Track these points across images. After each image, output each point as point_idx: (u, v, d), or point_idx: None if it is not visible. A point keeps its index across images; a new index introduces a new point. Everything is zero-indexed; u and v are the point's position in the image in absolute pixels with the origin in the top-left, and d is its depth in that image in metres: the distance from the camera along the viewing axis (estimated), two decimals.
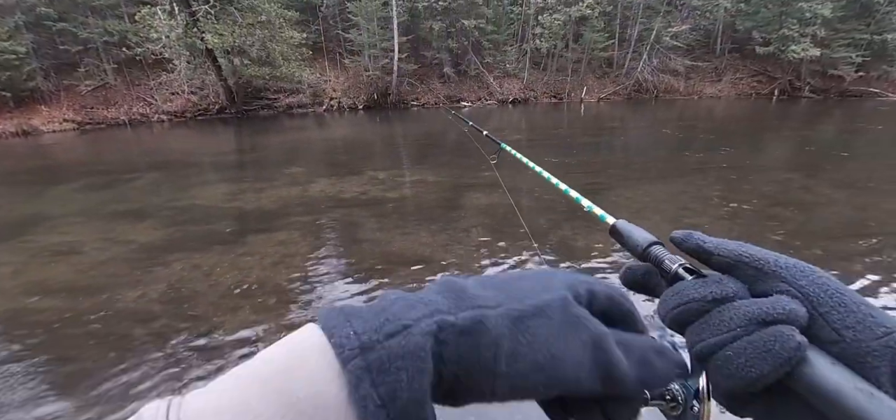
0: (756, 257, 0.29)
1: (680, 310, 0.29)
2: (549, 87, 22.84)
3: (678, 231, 0.33)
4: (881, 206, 5.27)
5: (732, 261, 0.30)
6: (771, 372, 0.25)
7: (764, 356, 0.25)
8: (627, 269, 0.37)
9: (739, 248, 0.30)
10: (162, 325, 3.06)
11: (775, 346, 0.25)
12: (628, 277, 0.36)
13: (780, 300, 0.26)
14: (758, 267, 0.29)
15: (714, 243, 0.31)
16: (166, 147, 11.59)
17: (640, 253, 0.36)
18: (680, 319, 0.29)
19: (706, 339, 0.27)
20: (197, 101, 17.76)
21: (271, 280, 3.60)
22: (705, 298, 0.28)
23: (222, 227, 4.97)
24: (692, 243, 0.32)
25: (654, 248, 0.35)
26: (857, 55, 21.34)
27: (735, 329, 0.26)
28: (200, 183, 7.12)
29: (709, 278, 0.30)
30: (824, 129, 12.84)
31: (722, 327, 0.27)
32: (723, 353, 0.26)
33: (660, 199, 5.59)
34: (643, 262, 0.36)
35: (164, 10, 14.71)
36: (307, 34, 18.69)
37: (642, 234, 0.38)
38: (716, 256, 0.31)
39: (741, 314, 0.26)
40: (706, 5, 22.79)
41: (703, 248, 0.32)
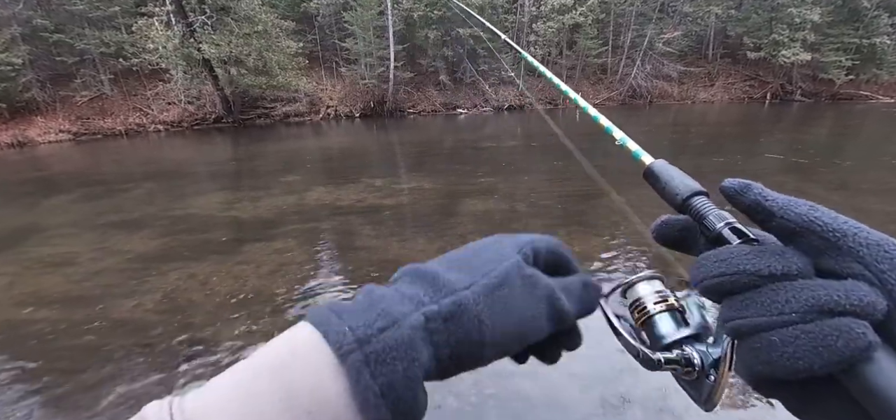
0: (830, 227, 0.23)
1: (724, 279, 0.25)
2: (543, 93, 22.99)
3: (732, 180, 0.27)
4: (876, 208, 5.33)
5: (800, 227, 0.24)
6: (823, 368, 0.21)
7: (819, 351, 0.21)
8: (663, 221, 0.32)
9: (811, 213, 0.24)
10: (157, 335, 3.04)
11: (837, 343, 0.21)
12: (662, 232, 0.31)
13: (857, 288, 0.21)
14: (831, 240, 0.23)
15: (779, 202, 0.25)
16: (162, 157, 11.58)
17: (680, 203, 0.31)
18: (721, 290, 0.25)
19: (749, 317, 0.23)
20: (193, 111, 17.75)
21: (268, 289, 3.60)
22: (759, 272, 0.23)
23: (218, 236, 4.96)
24: (750, 198, 0.26)
25: (696, 199, 0.30)
26: (847, 59, 21.61)
27: (790, 314, 0.22)
28: (196, 192, 7.11)
29: (766, 247, 0.25)
30: (817, 133, 12.98)
31: (773, 309, 0.23)
32: (766, 336, 0.23)
33: (653, 203, 5.60)
34: (682, 213, 0.31)
35: (161, 21, 14.76)
36: (303, 43, 18.77)
37: (685, 180, 0.32)
38: (779, 218, 0.25)
39: (802, 298, 0.22)
40: (697, 12, 23.08)
41: (764, 207, 0.26)
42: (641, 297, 0.33)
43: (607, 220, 5.02)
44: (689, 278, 0.28)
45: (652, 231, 0.32)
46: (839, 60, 21.64)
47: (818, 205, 0.25)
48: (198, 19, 15.07)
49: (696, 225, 0.30)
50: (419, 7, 19.33)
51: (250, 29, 15.53)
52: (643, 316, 0.32)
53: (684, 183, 0.32)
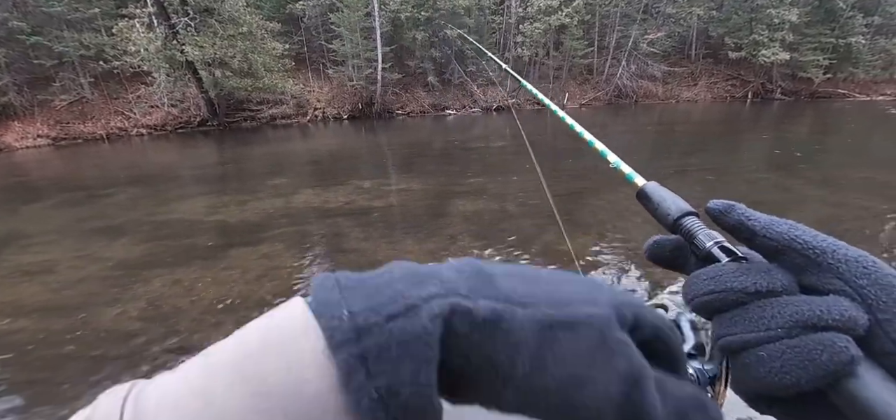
0: (810, 245, 0.24)
1: (713, 297, 0.25)
2: (530, 97, 23.12)
3: (716, 201, 0.29)
4: (854, 203, 5.48)
5: (781, 245, 0.25)
6: (809, 382, 0.22)
7: (805, 365, 0.22)
8: (655, 241, 0.32)
9: (791, 231, 0.25)
10: (141, 343, 2.98)
11: (821, 357, 0.21)
12: (654, 251, 0.32)
13: (838, 303, 0.22)
14: (812, 257, 0.24)
15: (761, 222, 0.26)
16: (145, 161, 11.34)
17: (671, 223, 0.32)
18: (711, 307, 0.26)
19: (738, 333, 0.24)
20: (177, 114, 17.44)
21: (255, 294, 3.54)
22: (746, 290, 0.24)
23: (204, 241, 4.87)
24: (733, 218, 0.27)
25: (687, 219, 0.31)
26: (825, 58, 22.24)
27: (776, 329, 0.23)
28: (181, 197, 6.98)
29: (752, 266, 0.26)
30: (797, 130, 13.31)
31: (760, 324, 0.23)
32: (755, 352, 0.23)
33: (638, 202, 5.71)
34: (673, 233, 0.32)
35: (143, 23, 14.47)
36: (289, 45, 18.60)
37: (676, 201, 0.33)
38: (761, 237, 0.26)
39: (787, 314, 0.23)
40: (680, 13, 23.52)
41: (747, 226, 0.27)
42: None
43: (595, 219, 5.07)
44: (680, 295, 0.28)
45: (645, 251, 0.33)
46: (817, 60, 22.26)
47: (799, 224, 0.26)
48: (180, 21, 14.82)
49: (686, 244, 0.31)
50: (406, 8, 19.31)
51: (235, 30, 15.32)
52: None
53: (675, 204, 0.33)
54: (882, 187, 6.17)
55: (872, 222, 4.80)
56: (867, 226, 4.68)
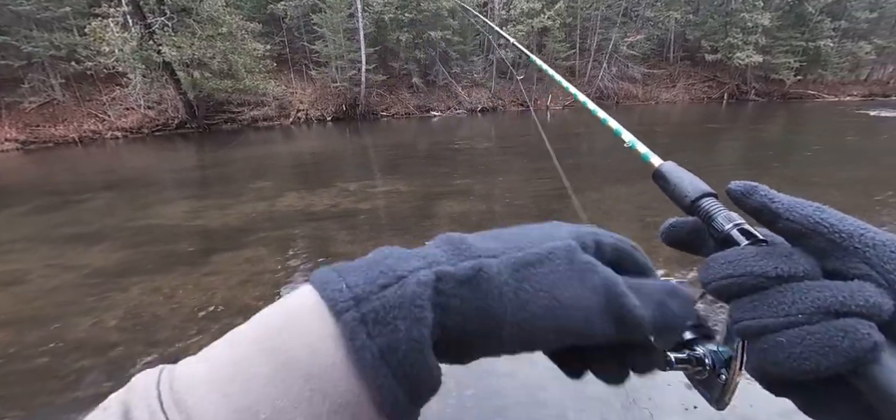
0: (837, 228, 0.24)
1: (731, 282, 0.25)
2: (515, 96, 23.35)
3: (738, 182, 0.28)
4: (825, 199, 5.66)
5: (805, 229, 0.24)
6: (829, 369, 0.21)
7: (825, 352, 0.21)
8: (671, 224, 0.31)
9: (817, 215, 0.24)
10: (119, 354, 2.88)
11: (843, 343, 0.21)
12: (671, 234, 0.31)
13: (863, 289, 0.22)
14: (837, 241, 0.23)
15: (784, 204, 0.26)
16: (122, 165, 10.99)
17: (688, 205, 0.31)
18: (729, 291, 0.25)
19: (757, 318, 0.24)
20: (154, 117, 16.95)
21: (238, 300, 3.47)
22: (767, 274, 0.24)
23: (184, 246, 4.75)
24: (756, 201, 0.26)
25: (705, 200, 0.30)
26: (795, 61, 23.11)
27: (796, 315, 0.22)
28: (160, 201, 6.79)
29: (774, 249, 0.25)
30: (770, 130, 13.78)
31: (779, 310, 0.23)
32: (774, 338, 0.23)
33: (624, 200, 5.82)
34: (690, 215, 0.31)
35: (117, 23, 14.02)
36: (271, 46, 18.30)
37: (694, 182, 0.32)
38: (784, 220, 0.25)
39: (808, 300, 0.22)
40: (658, 16, 24.10)
41: (770, 209, 0.26)
42: None
43: (578, 220, 5.14)
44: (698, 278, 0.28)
45: (660, 233, 0.32)
46: (788, 62, 23.11)
47: (825, 206, 0.25)
48: (157, 20, 14.42)
49: (704, 226, 0.30)
50: (390, 9, 19.24)
51: (214, 31, 14.99)
52: None
53: (693, 185, 0.32)
54: (847, 183, 6.45)
55: None
56: None
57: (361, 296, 0.21)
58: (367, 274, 0.23)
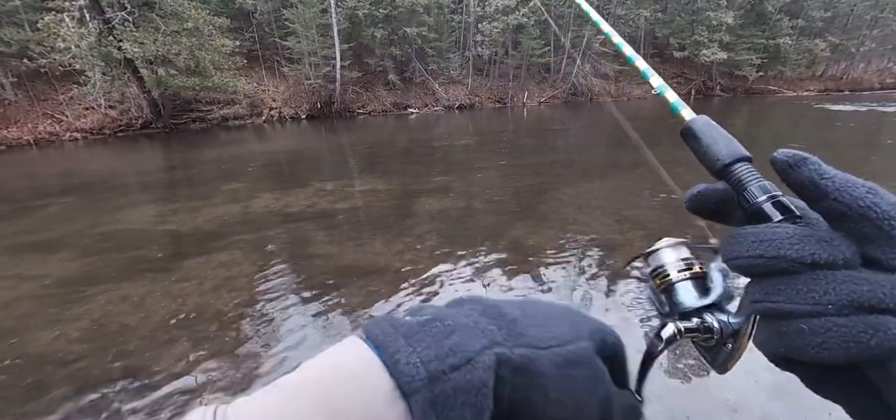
0: (888, 214, 0.21)
1: (761, 262, 0.23)
2: (492, 93, 23.50)
3: (785, 151, 0.24)
4: (785, 188, 5.99)
5: (853, 212, 0.22)
6: (848, 361, 0.20)
7: (848, 346, 0.20)
8: (699, 190, 0.28)
9: (869, 197, 0.22)
10: (84, 367, 2.74)
11: (870, 341, 0.20)
12: (697, 200, 0.29)
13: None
14: (885, 229, 0.21)
15: (835, 182, 0.22)
16: (82, 168, 10.42)
17: (720, 169, 0.28)
18: (756, 271, 0.23)
19: (780, 302, 0.22)
20: (116, 117, 16.15)
21: (212, 306, 3.35)
22: (802, 260, 0.22)
23: (153, 252, 4.55)
24: (804, 174, 0.23)
25: (739, 165, 0.27)
26: (757, 57, 24.22)
27: (825, 305, 0.21)
28: (125, 205, 6.47)
29: (812, 231, 0.22)
30: (734, 123, 14.38)
31: (808, 298, 0.21)
32: (796, 323, 0.22)
33: (599, 195, 5.94)
34: (720, 180, 0.28)
35: (73, 17, 13.25)
36: (241, 42, 17.74)
37: (730, 144, 0.29)
38: (832, 201, 0.22)
39: (843, 292, 0.21)
40: (629, 14, 24.73)
41: (819, 186, 0.23)
42: (664, 264, 0.31)
43: (558, 213, 5.22)
44: (717, 247, 0.26)
45: (686, 200, 0.29)
46: (750, 59, 24.19)
47: (879, 188, 0.22)
48: (116, 15, 13.72)
49: (734, 194, 0.27)
50: (364, 5, 18.97)
51: (179, 26, 14.38)
52: (665, 283, 0.30)
53: (729, 147, 0.29)
54: None
55: None
56: None
57: (434, 376, 0.21)
58: (437, 348, 0.22)
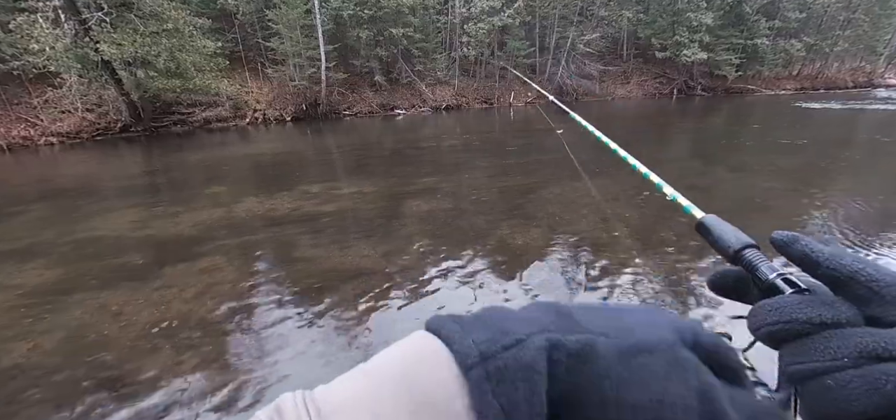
0: (874, 278, 0.25)
1: (779, 327, 0.26)
2: (479, 93, 23.57)
3: (781, 232, 0.30)
4: (763, 186, 6.15)
5: (844, 277, 0.26)
6: (876, 410, 0.22)
7: (871, 394, 0.23)
8: (718, 273, 0.33)
9: (855, 264, 0.26)
10: (62, 379, 2.65)
11: (886, 387, 0.22)
12: (718, 281, 0.33)
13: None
14: (875, 290, 0.25)
15: (825, 253, 0.27)
16: (58, 173, 10.10)
17: (732, 255, 0.33)
18: (777, 337, 0.27)
19: (806, 363, 0.25)
20: (94, 120, 15.69)
21: (195, 313, 3.28)
22: (811, 321, 0.25)
23: (133, 259, 4.43)
24: (798, 249, 0.29)
25: (748, 251, 0.32)
26: (736, 58, 24.81)
27: (842, 359, 0.24)
28: (103, 211, 6.30)
29: (816, 297, 0.27)
30: (715, 122, 14.71)
31: (826, 354, 0.24)
32: (823, 380, 0.24)
33: (585, 193, 6.01)
34: (734, 265, 0.33)
35: (47, 18, 12.84)
36: (223, 43, 17.42)
37: (735, 234, 0.34)
38: (825, 269, 0.27)
39: (852, 345, 0.24)
40: (612, 15, 25.10)
41: (811, 258, 0.28)
42: None
43: (545, 212, 5.26)
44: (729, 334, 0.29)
45: (708, 282, 0.34)
46: (730, 59, 24.77)
47: (862, 256, 0.27)
48: (93, 16, 13.34)
49: (748, 276, 0.31)
50: (349, 6, 18.84)
51: (158, 27, 14.05)
52: None
53: (736, 236, 0.34)
54: (781, 170, 7.00)
55: (775, 199, 5.42)
56: (771, 202, 5.28)
57: (487, 354, 0.22)
58: (489, 331, 0.24)
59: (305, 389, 0.23)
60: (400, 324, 3.05)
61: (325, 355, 2.75)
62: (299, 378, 2.56)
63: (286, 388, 1.46)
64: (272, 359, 2.74)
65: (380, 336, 2.92)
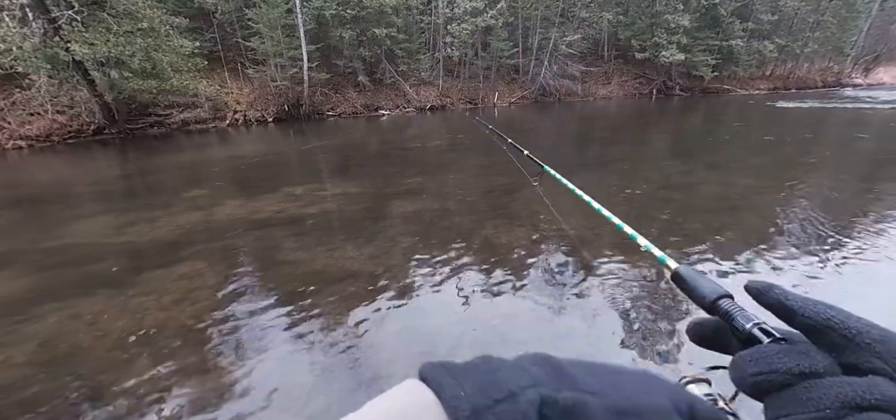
0: (847, 325, 0.26)
1: (761, 379, 0.27)
2: (463, 94, 23.63)
3: (755, 281, 0.31)
4: (739, 183, 6.33)
5: (819, 325, 0.27)
6: None
7: None
8: (696, 323, 0.34)
9: (827, 312, 0.27)
10: (34, 393, 2.54)
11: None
12: (696, 332, 0.34)
13: (879, 385, 0.24)
14: (849, 337, 0.26)
15: (798, 302, 0.28)
16: (27, 178, 9.69)
17: (708, 304, 0.34)
18: (760, 388, 0.27)
19: (791, 414, 0.25)
20: (65, 122, 15.11)
21: (174, 320, 3.19)
22: (791, 371, 0.26)
23: (107, 266, 4.29)
24: (772, 298, 0.30)
25: (724, 301, 0.33)
26: (712, 59, 25.51)
27: (824, 410, 0.24)
28: (76, 217, 6.07)
29: (793, 346, 0.27)
30: (694, 122, 15.08)
31: (809, 406, 0.25)
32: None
33: (568, 191, 6.08)
34: (711, 314, 0.34)
35: (14, 17, 12.31)
36: (201, 43, 17.00)
37: (710, 284, 0.35)
38: (800, 317, 0.28)
39: (833, 395, 0.24)
40: (593, 17, 25.50)
41: (785, 306, 0.29)
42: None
43: (529, 210, 5.30)
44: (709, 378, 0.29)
45: (687, 331, 0.34)
46: (706, 60, 25.45)
47: (833, 304, 0.28)
48: (63, 14, 12.85)
49: (726, 326, 0.32)
50: (331, 5, 18.64)
51: (132, 26, 13.61)
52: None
53: (711, 286, 0.35)
54: (759, 168, 7.22)
55: (751, 196, 5.59)
56: (747, 200, 5.44)
57: (479, 408, 0.22)
58: (482, 383, 0.24)
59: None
60: (387, 326, 3.03)
61: (311, 362, 2.71)
62: (284, 386, 2.52)
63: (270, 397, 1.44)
64: (256, 366, 2.69)
65: (366, 340, 2.89)
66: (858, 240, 4.20)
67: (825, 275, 3.54)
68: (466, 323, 3.04)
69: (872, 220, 4.72)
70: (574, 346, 2.74)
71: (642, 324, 2.96)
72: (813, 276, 3.53)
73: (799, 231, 4.48)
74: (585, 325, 2.96)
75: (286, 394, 2.43)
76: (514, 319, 3.07)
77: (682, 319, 2.98)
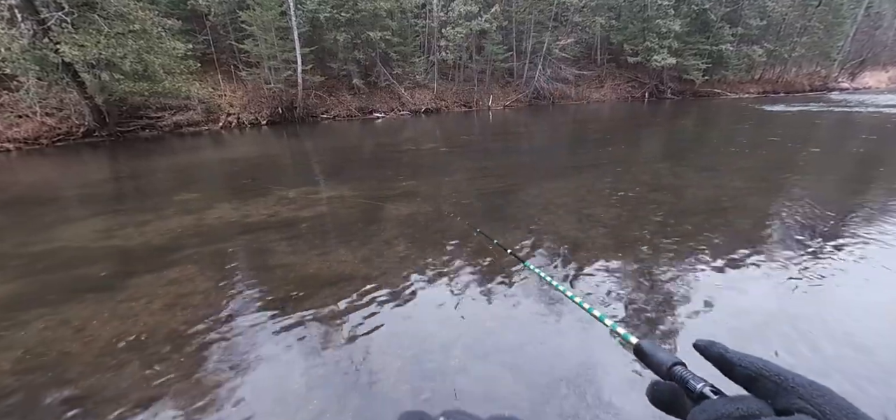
0: (776, 372, 0.32)
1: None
2: (458, 97, 23.68)
3: (702, 339, 0.38)
4: (729, 185, 6.40)
5: (754, 374, 0.33)
6: None
7: None
8: (654, 386, 0.39)
9: (759, 362, 0.34)
10: (19, 401, 2.49)
11: None
12: (655, 396, 0.39)
13: (802, 419, 0.29)
14: (778, 382, 0.32)
15: (737, 355, 0.35)
16: (14, 181, 9.53)
17: (665, 371, 0.40)
18: None
19: None
20: (55, 125, 14.90)
21: (164, 325, 3.15)
22: (733, 415, 0.31)
23: (96, 271, 4.22)
24: (715, 352, 0.36)
25: (677, 368, 0.39)
26: (702, 63, 25.83)
27: None
28: (64, 221, 5.98)
29: (735, 397, 0.33)
30: (685, 125, 15.24)
31: None
32: None
33: (562, 194, 6.11)
34: (667, 379, 0.39)
35: (2, 18, 12.14)
36: (194, 45, 16.89)
37: (665, 354, 0.42)
38: (738, 367, 0.34)
39: None
40: (586, 21, 25.72)
41: (726, 359, 0.35)
42: None
43: (524, 213, 5.31)
44: None
45: (647, 394, 0.39)
46: (697, 64, 25.76)
47: (764, 358, 0.34)
48: (53, 16, 12.70)
49: (681, 389, 0.38)
50: (325, 8, 18.62)
51: (124, 27, 13.48)
52: None
53: (666, 356, 0.41)
54: (748, 170, 7.31)
55: (741, 197, 5.65)
56: (737, 201, 5.50)
57: None
58: None
59: None
60: (380, 330, 3.01)
61: (304, 366, 2.69)
62: (277, 392, 2.49)
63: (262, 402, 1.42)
64: (247, 372, 2.66)
65: (360, 344, 2.88)
66: (843, 239, 4.26)
67: (808, 276, 3.59)
68: (459, 326, 3.03)
69: (858, 219, 4.80)
70: (566, 350, 2.75)
71: (634, 326, 2.98)
72: (795, 278, 3.58)
73: (786, 233, 4.54)
74: (580, 327, 2.97)
75: (278, 399, 2.41)
76: (507, 322, 3.07)
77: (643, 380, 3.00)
